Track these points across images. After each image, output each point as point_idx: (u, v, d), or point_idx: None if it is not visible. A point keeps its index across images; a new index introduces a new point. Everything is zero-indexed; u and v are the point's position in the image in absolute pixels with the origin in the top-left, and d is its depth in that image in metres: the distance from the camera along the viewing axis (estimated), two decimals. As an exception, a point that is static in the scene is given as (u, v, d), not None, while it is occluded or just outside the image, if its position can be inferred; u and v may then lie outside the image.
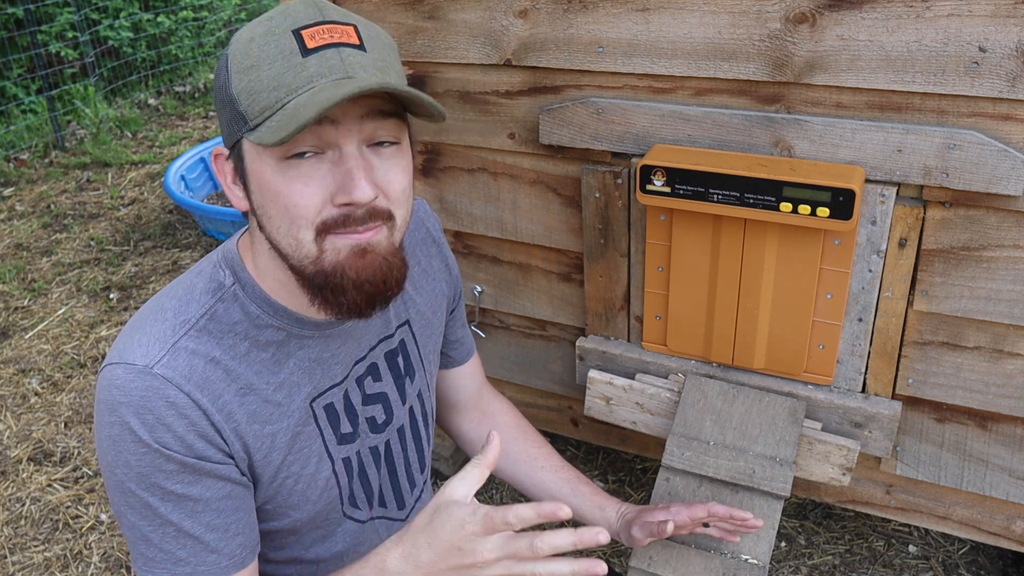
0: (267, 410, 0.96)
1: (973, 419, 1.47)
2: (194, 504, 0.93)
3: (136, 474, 0.90)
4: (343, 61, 0.85)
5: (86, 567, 2.09)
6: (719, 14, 1.32)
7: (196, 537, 0.94)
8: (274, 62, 0.84)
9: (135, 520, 0.93)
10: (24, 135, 4.92)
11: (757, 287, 1.43)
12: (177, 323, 0.93)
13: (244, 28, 0.89)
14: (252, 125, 0.85)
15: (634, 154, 1.49)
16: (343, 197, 0.85)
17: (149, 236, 3.81)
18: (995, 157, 1.22)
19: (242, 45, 0.86)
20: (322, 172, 0.86)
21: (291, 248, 0.89)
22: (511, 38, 1.50)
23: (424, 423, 1.21)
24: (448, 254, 1.24)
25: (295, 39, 0.84)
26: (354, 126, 0.85)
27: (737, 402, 1.50)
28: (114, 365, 0.91)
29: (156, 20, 5.84)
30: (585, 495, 1.30)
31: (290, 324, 0.97)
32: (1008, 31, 1.16)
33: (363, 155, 0.87)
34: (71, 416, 2.64)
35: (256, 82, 0.84)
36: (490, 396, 1.40)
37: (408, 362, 1.15)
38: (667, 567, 1.30)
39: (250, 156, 0.88)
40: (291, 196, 0.86)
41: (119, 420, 0.89)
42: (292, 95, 0.83)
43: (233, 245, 0.99)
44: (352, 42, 0.86)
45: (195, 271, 0.99)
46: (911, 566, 1.91)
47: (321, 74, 0.84)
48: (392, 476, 1.16)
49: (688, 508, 1.21)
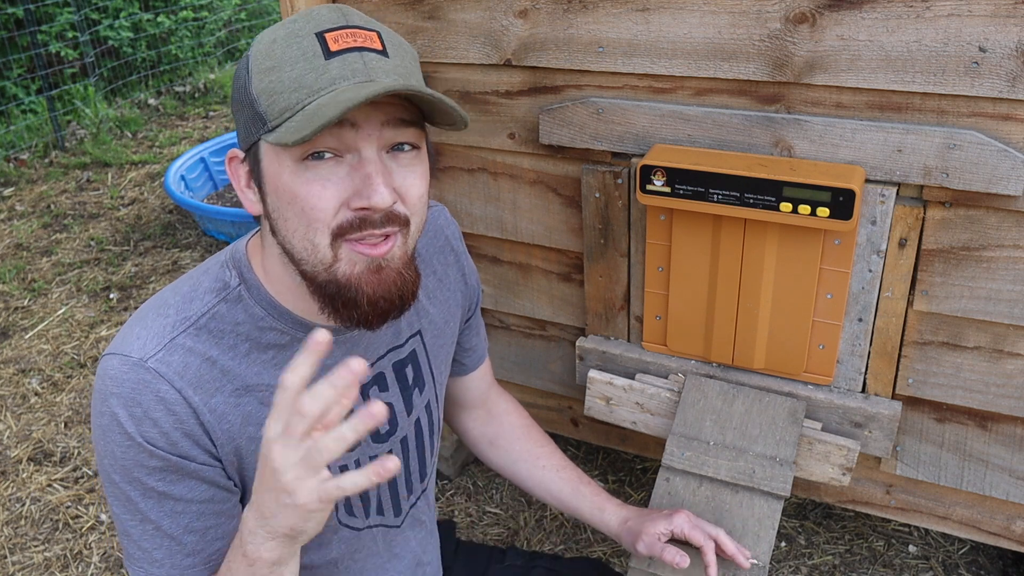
0: (264, 412, 0.95)
1: (973, 419, 1.47)
2: (174, 504, 0.92)
3: (120, 466, 0.90)
4: (366, 65, 0.84)
5: (86, 567, 2.09)
6: (719, 14, 1.32)
7: (174, 538, 0.93)
8: (296, 63, 0.84)
9: (119, 512, 0.94)
10: (24, 135, 4.91)
11: (757, 287, 1.43)
12: (178, 319, 0.93)
13: (267, 30, 0.88)
14: (271, 126, 0.85)
15: (634, 154, 1.49)
16: (361, 201, 0.85)
17: (149, 236, 3.81)
18: (995, 157, 1.22)
19: (264, 46, 0.86)
20: (340, 175, 0.85)
21: (306, 252, 0.88)
22: (511, 38, 1.50)
23: (430, 434, 1.19)
24: (466, 263, 1.23)
25: (318, 42, 0.84)
26: (374, 131, 0.85)
27: (737, 402, 1.50)
28: (111, 355, 0.91)
29: (156, 20, 5.85)
30: (585, 496, 1.29)
31: (294, 328, 0.96)
32: (1008, 31, 1.16)
33: (382, 160, 0.86)
34: (71, 416, 2.64)
35: (277, 83, 0.84)
36: (496, 395, 1.39)
37: (418, 373, 1.14)
38: (667, 567, 1.30)
39: (267, 158, 0.87)
40: (308, 198, 0.85)
41: (108, 410, 0.89)
42: (313, 96, 0.83)
43: (242, 246, 0.98)
44: (375, 47, 0.86)
45: (202, 269, 0.99)
46: (911, 566, 1.91)
47: (343, 76, 0.83)
48: (391, 486, 1.15)
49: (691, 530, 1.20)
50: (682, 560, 1.16)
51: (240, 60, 0.90)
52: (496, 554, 1.40)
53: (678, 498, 1.40)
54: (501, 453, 1.37)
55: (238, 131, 0.91)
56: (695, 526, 1.21)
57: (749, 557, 1.22)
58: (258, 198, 0.91)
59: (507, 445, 1.36)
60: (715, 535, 1.20)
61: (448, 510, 2.16)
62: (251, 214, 0.94)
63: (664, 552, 1.18)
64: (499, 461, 1.37)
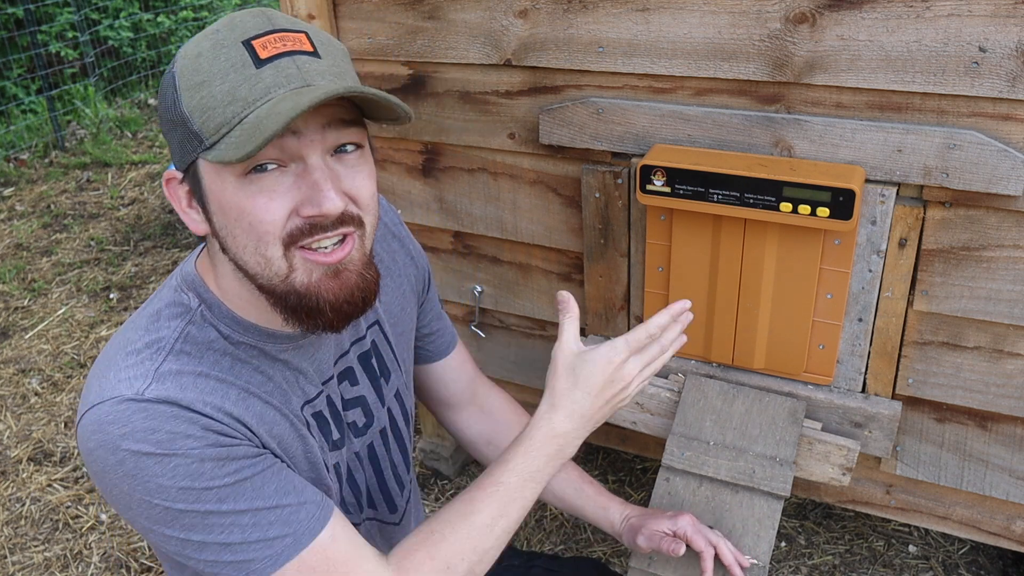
0: (270, 413, 0.94)
1: (973, 419, 1.47)
2: (251, 483, 0.88)
3: (178, 490, 0.84)
4: (299, 69, 0.82)
5: (86, 567, 2.09)
6: (719, 14, 1.32)
7: (273, 507, 0.88)
8: (226, 76, 0.80)
9: (203, 539, 0.86)
10: (24, 135, 4.92)
11: (757, 287, 1.43)
12: (153, 351, 0.89)
13: (188, 43, 0.85)
14: (208, 143, 0.82)
15: (634, 154, 1.49)
16: (312, 209, 0.83)
17: (149, 236, 3.81)
18: (995, 157, 1.22)
19: (190, 61, 0.83)
20: (286, 185, 0.83)
21: (259, 267, 0.86)
22: (511, 38, 1.50)
23: (404, 422, 1.19)
24: (412, 246, 1.21)
25: (246, 50, 0.81)
26: (316, 136, 0.83)
27: (737, 402, 1.50)
28: (97, 406, 0.85)
29: (156, 20, 5.85)
30: (589, 495, 1.29)
31: (262, 340, 0.95)
32: (1008, 31, 1.16)
33: (328, 165, 0.84)
34: (71, 416, 2.64)
35: (209, 98, 0.81)
36: (486, 390, 1.37)
37: (382, 363, 1.13)
38: (667, 567, 1.30)
39: (208, 176, 0.84)
40: (255, 212, 0.83)
41: (129, 453, 0.83)
42: (250, 108, 0.80)
43: (191, 268, 0.96)
44: (306, 49, 0.83)
45: (152, 302, 0.96)
46: (911, 566, 1.91)
47: (278, 84, 0.81)
48: (379, 477, 1.15)
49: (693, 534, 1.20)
50: (678, 548, 1.17)
51: (164, 77, 0.86)
52: (495, 554, 1.40)
53: (678, 498, 1.40)
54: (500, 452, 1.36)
55: (172, 151, 0.88)
56: (698, 531, 1.21)
57: (746, 566, 1.23)
58: (203, 217, 0.88)
59: (506, 444, 1.35)
60: (716, 543, 1.21)
61: (448, 510, 2.15)
62: (197, 234, 0.91)
63: (662, 542, 1.18)
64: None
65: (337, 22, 1.67)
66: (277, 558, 0.88)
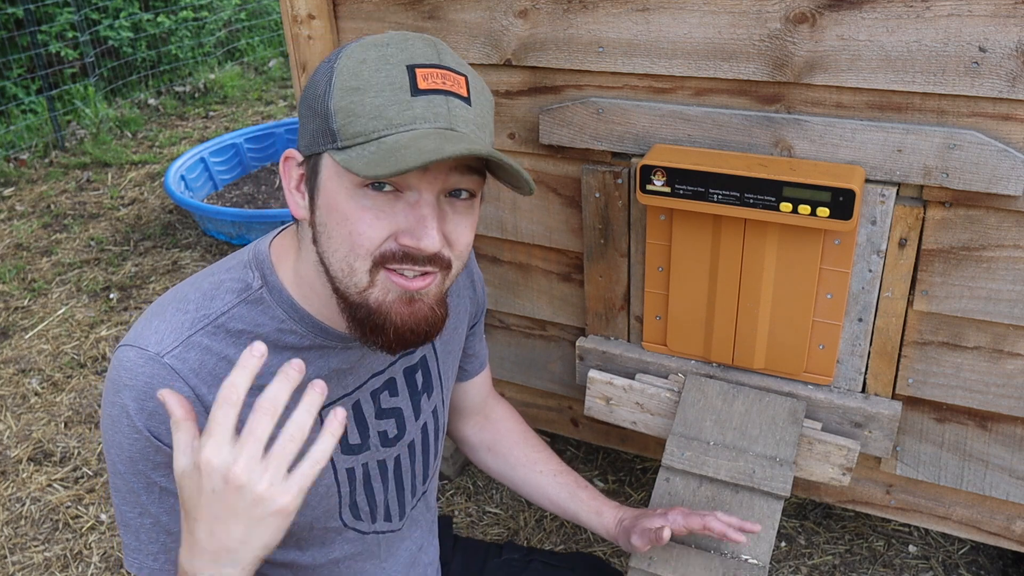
0: None
1: (973, 419, 1.47)
2: (175, 500, 0.92)
3: (127, 457, 0.91)
4: (449, 111, 0.84)
5: (86, 567, 2.09)
6: (719, 14, 1.32)
7: (171, 534, 0.94)
8: (381, 91, 0.83)
9: (120, 502, 0.94)
10: (24, 135, 4.92)
11: (757, 287, 1.43)
12: (197, 317, 0.93)
13: (356, 45, 0.87)
14: (340, 145, 0.84)
15: (634, 154, 1.49)
16: (411, 240, 0.85)
17: (149, 236, 3.81)
18: (995, 157, 1.22)
19: (352, 63, 0.85)
20: (396, 210, 0.85)
21: (342, 273, 0.88)
22: (511, 38, 1.50)
23: (435, 438, 1.20)
24: (475, 271, 1.24)
25: (408, 75, 0.83)
26: (440, 175, 0.85)
27: (737, 402, 1.50)
28: (127, 347, 0.91)
29: (156, 20, 5.85)
30: (583, 500, 1.30)
31: (314, 333, 0.97)
32: (1008, 31, 1.16)
33: (439, 204, 0.86)
34: (71, 416, 2.64)
35: (358, 105, 0.83)
36: (493, 401, 1.40)
37: (427, 379, 1.15)
38: (667, 567, 1.30)
39: (327, 172, 0.86)
40: (359, 225, 0.85)
41: (120, 401, 0.90)
42: (392, 130, 0.82)
43: (265, 247, 0.98)
44: (461, 93, 0.85)
45: (223, 267, 0.99)
46: (911, 566, 1.91)
47: (425, 118, 0.82)
48: (399, 489, 1.16)
49: (685, 518, 1.20)
50: (663, 534, 1.15)
51: (321, 65, 0.89)
52: (494, 549, 1.40)
53: (678, 498, 1.40)
54: (499, 459, 1.37)
55: (301, 135, 0.90)
56: (690, 514, 1.21)
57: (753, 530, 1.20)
58: (307, 204, 0.90)
59: (505, 451, 1.37)
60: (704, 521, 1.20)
61: (448, 510, 2.16)
62: (294, 216, 0.93)
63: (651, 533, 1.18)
64: (497, 467, 1.38)
65: (337, 22, 1.67)
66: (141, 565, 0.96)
